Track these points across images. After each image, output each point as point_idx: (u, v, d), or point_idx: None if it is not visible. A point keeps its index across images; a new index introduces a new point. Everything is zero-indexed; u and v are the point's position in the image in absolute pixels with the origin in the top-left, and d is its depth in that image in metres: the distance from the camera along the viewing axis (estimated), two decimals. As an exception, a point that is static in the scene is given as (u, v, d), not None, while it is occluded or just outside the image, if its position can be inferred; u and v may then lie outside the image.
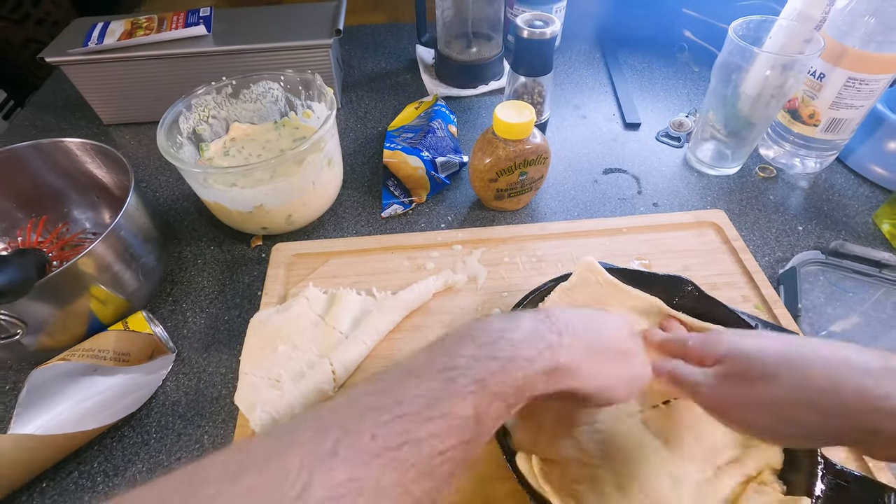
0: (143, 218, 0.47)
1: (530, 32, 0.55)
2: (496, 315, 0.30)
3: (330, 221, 0.58)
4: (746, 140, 0.59)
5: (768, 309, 0.46)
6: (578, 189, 0.61)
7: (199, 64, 0.66)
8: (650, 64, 0.80)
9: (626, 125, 0.70)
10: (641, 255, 0.51)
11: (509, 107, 0.50)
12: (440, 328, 0.46)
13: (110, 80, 0.66)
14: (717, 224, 0.53)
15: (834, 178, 0.61)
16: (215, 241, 0.57)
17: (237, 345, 0.47)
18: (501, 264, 0.50)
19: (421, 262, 0.51)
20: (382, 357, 0.44)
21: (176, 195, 0.62)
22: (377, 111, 0.74)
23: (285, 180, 0.49)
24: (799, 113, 0.58)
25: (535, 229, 0.53)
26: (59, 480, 0.40)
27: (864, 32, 0.49)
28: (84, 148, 0.49)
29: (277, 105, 0.59)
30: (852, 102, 0.53)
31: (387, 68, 0.83)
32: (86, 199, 0.53)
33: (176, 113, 0.52)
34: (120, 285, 0.45)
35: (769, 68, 0.51)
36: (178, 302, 0.51)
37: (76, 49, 0.63)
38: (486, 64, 0.76)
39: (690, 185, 0.61)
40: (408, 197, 0.60)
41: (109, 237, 0.42)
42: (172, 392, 0.45)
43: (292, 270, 0.51)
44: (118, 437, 0.42)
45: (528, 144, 0.51)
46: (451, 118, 0.68)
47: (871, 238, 0.54)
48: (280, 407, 0.38)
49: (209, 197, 0.50)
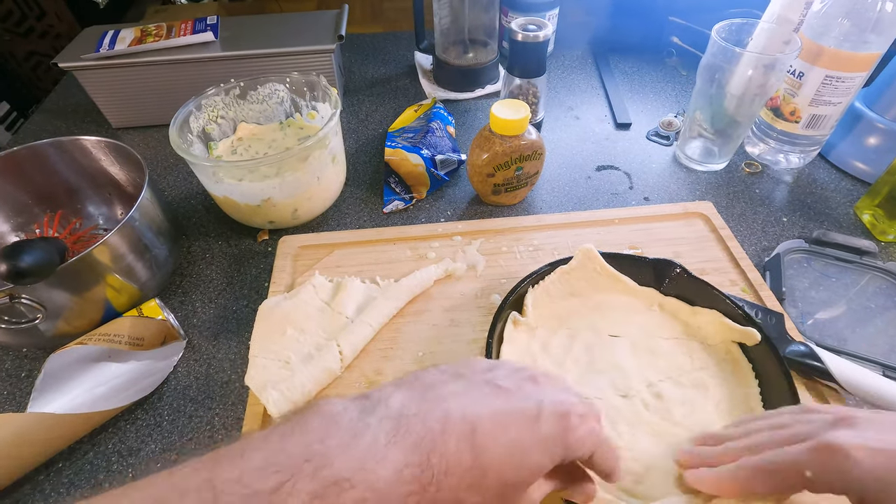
0: (155, 211, 0.49)
1: (524, 36, 0.58)
2: (378, 414, 0.24)
3: (333, 217, 0.60)
4: (732, 137, 0.61)
5: (755, 292, 0.48)
6: (572, 185, 0.64)
7: (206, 69, 0.68)
8: (640, 68, 0.84)
9: (617, 125, 0.73)
10: (634, 244, 0.53)
11: (505, 105, 0.53)
12: (441, 312, 0.48)
13: (120, 85, 0.69)
14: (704, 214, 0.55)
15: (816, 172, 0.64)
16: (223, 236, 0.59)
17: (245, 333, 0.49)
18: (499, 253, 0.52)
19: (422, 252, 0.53)
20: (387, 339, 0.46)
21: (184, 194, 0.64)
22: (378, 114, 0.77)
23: (292, 175, 0.51)
24: (781, 110, 0.60)
25: (532, 220, 0.56)
26: (75, 460, 0.41)
27: (839, 33, 0.52)
28: (99, 146, 0.51)
29: (283, 106, 0.62)
30: (830, 99, 0.56)
31: (386, 74, 0.85)
32: (99, 195, 0.56)
33: (187, 112, 0.55)
34: (133, 275, 0.46)
35: (751, 68, 0.54)
36: (187, 293, 0.53)
37: (89, 55, 0.66)
38: (482, 68, 0.79)
39: (680, 181, 0.64)
40: (408, 193, 0.62)
41: (124, 228, 0.44)
42: (184, 377, 0.46)
43: (299, 261, 0.53)
44: (132, 419, 0.43)
45: (523, 140, 0.54)
46: (449, 119, 0.70)
47: (853, 228, 0.57)
48: (291, 385, 0.40)
49: (219, 191, 0.52)
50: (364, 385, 0.43)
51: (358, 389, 0.43)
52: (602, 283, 0.46)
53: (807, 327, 0.47)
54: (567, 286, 0.45)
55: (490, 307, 0.48)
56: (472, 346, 0.45)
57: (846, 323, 0.48)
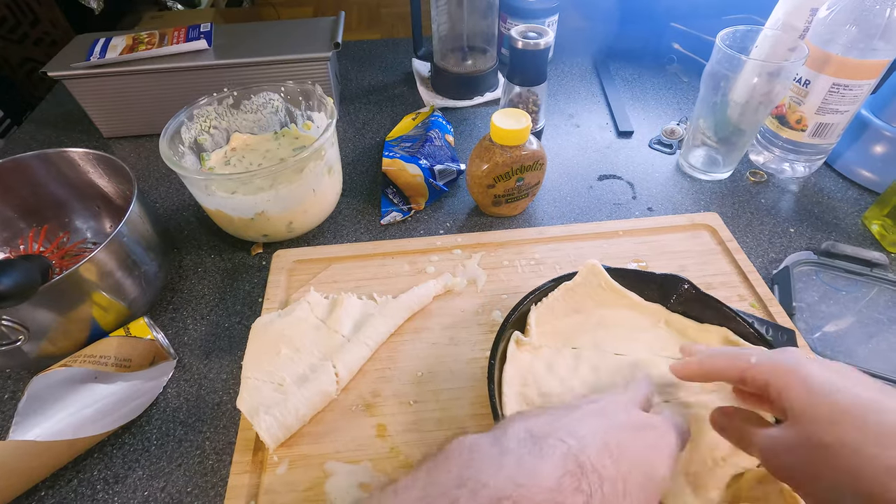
0: (145, 225, 0.47)
1: (524, 43, 0.57)
2: (512, 439, 0.25)
3: (330, 229, 0.59)
4: (736, 146, 0.60)
5: (764, 307, 0.47)
6: (574, 195, 0.62)
7: (199, 77, 0.67)
8: (641, 75, 0.83)
9: (619, 133, 0.71)
10: (638, 258, 0.51)
11: (506, 114, 0.52)
12: (440, 330, 0.46)
13: (111, 94, 0.67)
14: (710, 226, 0.54)
15: (823, 181, 0.63)
16: (215, 249, 0.57)
17: (238, 351, 0.47)
18: (500, 267, 0.51)
19: (421, 266, 0.51)
20: (385, 359, 0.44)
21: (176, 205, 0.63)
22: (375, 122, 0.75)
23: (286, 187, 0.49)
24: (786, 119, 0.59)
25: (533, 233, 0.54)
26: (59, 489, 0.39)
27: (846, 40, 0.51)
28: (87, 158, 0.50)
29: (278, 115, 0.60)
30: (837, 108, 0.55)
31: (384, 81, 0.84)
32: (87, 208, 0.54)
33: (178, 123, 0.53)
34: (121, 292, 0.45)
35: (756, 76, 0.52)
36: (178, 310, 0.51)
37: (79, 63, 0.64)
38: (481, 76, 0.77)
39: (684, 190, 0.62)
40: (406, 204, 0.60)
41: (112, 243, 0.42)
42: (173, 398, 0.44)
43: (293, 276, 0.51)
44: (118, 444, 0.42)
45: (524, 150, 0.52)
46: (447, 128, 0.69)
47: (861, 239, 0.56)
48: (285, 409, 0.38)
49: (211, 204, 0.51)
50: (361, 408, 0.41)
51: (354, 413, 0.41)
52: (607, 299, 0.44)
53: (815, 341, 0.46)
54: (571, 302, 0.44)
55: (491, 324, 0.46)
56: (473, 366, 0.43)
57: (856, 337, 0.47)
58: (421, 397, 0.41)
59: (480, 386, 0.42)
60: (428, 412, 0.40)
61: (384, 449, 0.38)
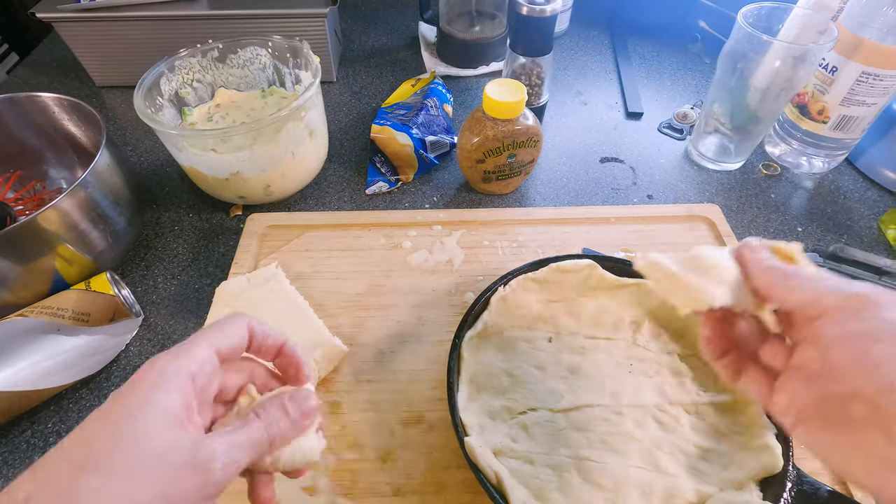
0: (115, 178, 0.45)
1: (529, 9, 0.52)
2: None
3: (312, 195, 0.57)
4: (751, 135, 0.56)
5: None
6: (571, 176, 0.59)
7: (191, 27, 0.64)
8: (660, 53, 0.77)
9: (628, 114, 0.67)
10: (627, 247, 0.48)
11: (501, 85, 0.48)
12: (409, 308, 0.44)
13: (101, 40, 0.65)
14: (709, 219, 0.51)
15: (841, 179, 0.58)
16: (194, 208, 0.56)
17: (205, 313, 0.46)
18: (480, 247, 0.49)
19: (398, 240, 0.49)
20: (347, 335, 0.42)
21: (161, 160, 0.61)
22: (373, 87, 0.72)
23: (263, 147, 0.47)
24: (808, 108, 0.55)
25: (520, 214, 0.51)
26: (12, 438, 0.39)
27: (883, 23, 0.46)
28: (60, 104, 0.48)
29: (265, 72, 0.58)
30: (865, 99, 0.50)
31: (387, 44, 0.80)
32: (63, 158, 0.52)
33: (157, 74, 0.51)
34: (87, 245, 0.44)
35: (779, 59, 0.48)
36: (150, 267, 0.50)
37: (68, 5, 0.62)
38: (488, 44, 0.73)
39: (689, 179, 0.58)
40: (394, 175, 0.58)
41: (75, 193, 0.41)
42: (135, 357, 0.44)
43: (265, 241, 0.49)
44: (75, 398, 0.41)
45: (518, 125, 0.49)
46: (447, 97, 0.66)
47: (875, 244, 0.52)
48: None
49: (185, 161, 0.49)
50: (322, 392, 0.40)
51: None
52: (587, 286, 0.42)
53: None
54: (542, 287, 0.41)
55: (462, 306, 0.44)
56: (438, 349, 0.41)
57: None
58: (379, 376, 0.40)
59: (442, 369, 0.40)
60: (385, 392, 0.39)
61: (335, 427, 0.37)
